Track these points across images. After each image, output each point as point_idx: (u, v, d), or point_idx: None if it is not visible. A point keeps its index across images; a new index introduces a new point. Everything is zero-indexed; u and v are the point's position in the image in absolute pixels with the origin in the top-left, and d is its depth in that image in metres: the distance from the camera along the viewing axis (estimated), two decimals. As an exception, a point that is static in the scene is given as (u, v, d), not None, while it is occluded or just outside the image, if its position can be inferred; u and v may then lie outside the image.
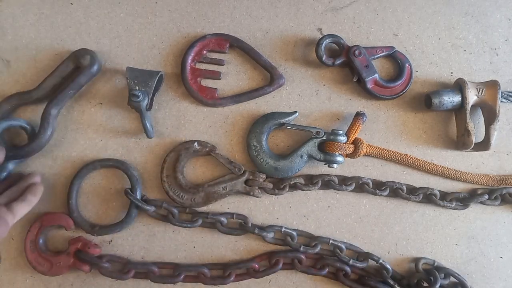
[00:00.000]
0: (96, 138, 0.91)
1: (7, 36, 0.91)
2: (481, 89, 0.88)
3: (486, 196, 0.91)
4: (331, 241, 0.89)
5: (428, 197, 0.91)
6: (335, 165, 0.86)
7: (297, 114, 0.88)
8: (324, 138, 0.87)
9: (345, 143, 0.86)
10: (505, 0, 0.96)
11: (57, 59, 0.89)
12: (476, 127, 0.91)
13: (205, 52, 0.92)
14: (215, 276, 0.89)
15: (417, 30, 0.95)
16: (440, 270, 0.90)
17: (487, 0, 0.96)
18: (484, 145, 0.89)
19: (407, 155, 0.91)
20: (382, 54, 0.91)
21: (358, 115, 0.88)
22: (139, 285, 0.90)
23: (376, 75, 0.89)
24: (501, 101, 0.88)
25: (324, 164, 0.88)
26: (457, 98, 0.87)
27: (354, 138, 0.88)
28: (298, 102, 0.93)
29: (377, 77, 0.89)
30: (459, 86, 0.88)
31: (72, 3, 0.93)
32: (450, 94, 0.87)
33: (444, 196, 0.91)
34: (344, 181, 0.91)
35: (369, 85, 0.89)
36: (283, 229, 0.89)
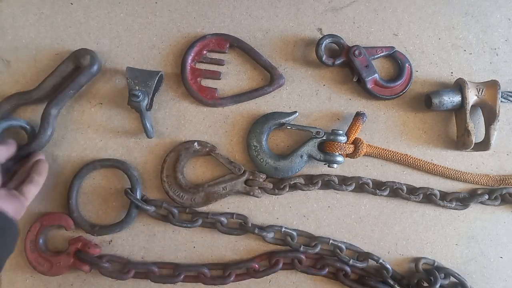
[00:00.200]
0: (96, 138, 0.91)
1: (7, 36, 0.91)
2: (481, 89, 0.88)
3: (486, 196, 0.91)
4: (331, 241, 0.89)
5: (428, 197, 0.91)
6: (335, 165, 0.86)
7: (297, 114, 0.88)
8: (324, 138, 0.87)
9: (345, 143, 0.86)
10: (505, 0, 0.96)
11: (57, 59, 0.89)
12: (476, 127, 0.91)
13: (205, 52, 0.92)
14: (215, 276, 0.89)
15: (417, 30, 0.95)
16: (440, 270, 0.89)
17: (487, 0, 0.96)
18: (484, 145, 0.88)
19: (407, 155, 0.91)
20: (382, 54, 0.91)
21: (358, 115, 0.87)
22: (139, 285, 0.89)
23: (376, 75, 0.89)
24: (501, 101, 0.88)
25: (324, 164, 0.88)
26: (457, 98, 0.87)
27: (354, 138, 0.87)
28: (298, 102, 0.93)
29: (377, 77, 0.89)
30: (459, 86, 0.88)
31: (72, 3, 0.92)
32: (450, 94, 0.87)
33: (444, 196, 0.91)
34: (344, 181, 0.91)
35: (369, 85, 0.89)
36: (283, 229, 0.89)
